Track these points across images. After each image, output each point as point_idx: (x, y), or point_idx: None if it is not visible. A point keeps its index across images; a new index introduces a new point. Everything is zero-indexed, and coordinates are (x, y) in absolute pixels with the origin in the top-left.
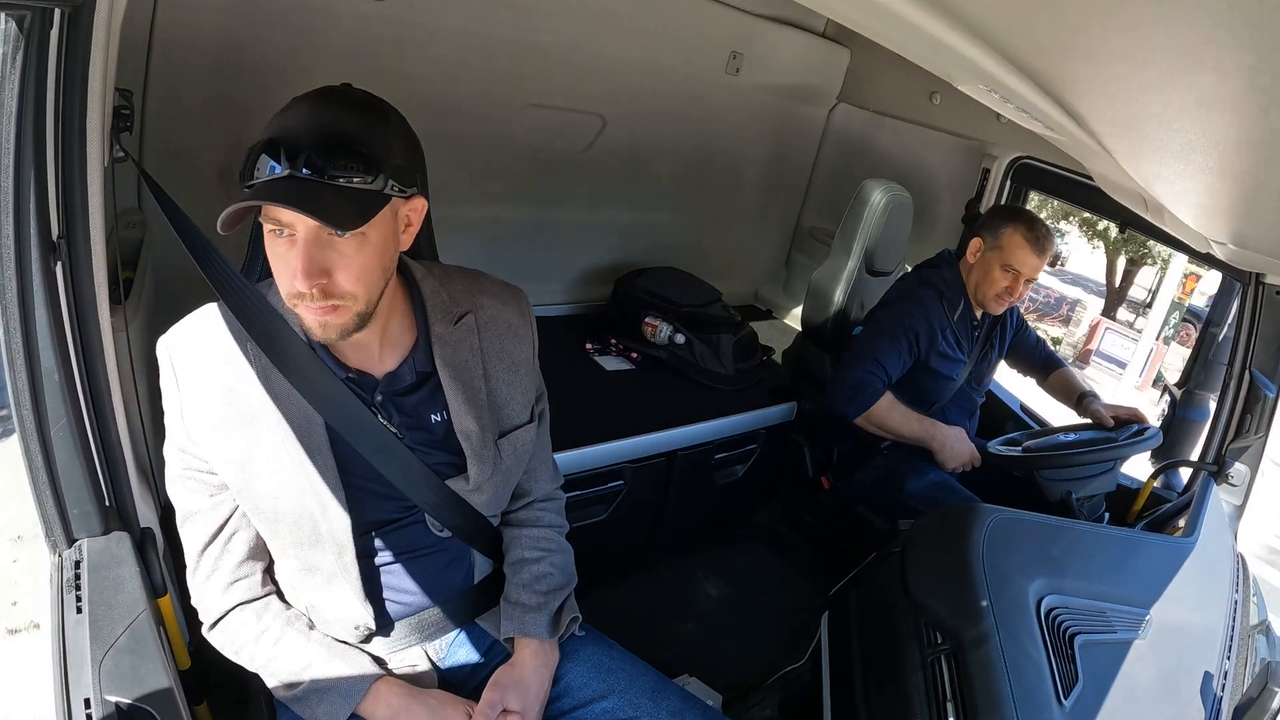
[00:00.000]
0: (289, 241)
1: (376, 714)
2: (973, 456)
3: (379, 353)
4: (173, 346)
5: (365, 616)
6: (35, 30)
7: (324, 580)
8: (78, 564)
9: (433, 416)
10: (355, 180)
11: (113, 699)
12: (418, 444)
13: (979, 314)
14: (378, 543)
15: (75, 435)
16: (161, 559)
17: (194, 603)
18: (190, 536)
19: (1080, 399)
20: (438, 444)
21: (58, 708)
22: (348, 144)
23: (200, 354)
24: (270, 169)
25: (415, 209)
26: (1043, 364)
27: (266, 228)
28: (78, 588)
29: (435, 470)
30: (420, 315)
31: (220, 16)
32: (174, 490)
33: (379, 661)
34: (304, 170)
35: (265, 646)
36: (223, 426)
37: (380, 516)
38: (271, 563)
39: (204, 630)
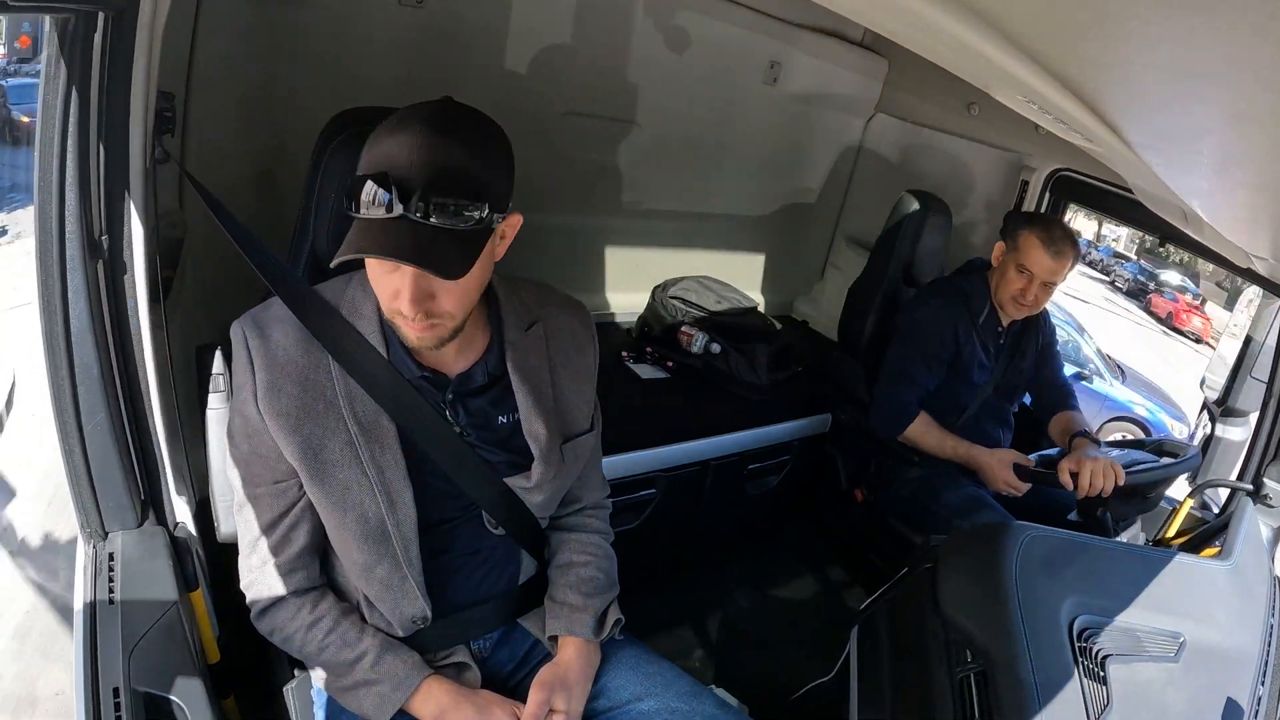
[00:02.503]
0: (393, 264)
1: (425, 711)
2: (1014, 484)
3: (454, 354)
4: (249, 329)
5: (423, 611)
6: (79, 33)
7: (385, 574)
8: (112, 556)
9: (500, 418)
10: (464, 223)
11: (141, 689)
12: (481, 443)
13: (1005, 323)
14: (438, 540)
15: (112, 430)
16: (195, 554)
17: (244, 586)
18: (250, 520)
19: (1072, 437)
20: (501, 444)
21: (85, 696)
22: (460, 184)
23: (278, 340)
24: (380, 207)
25: (512, 224)
26: (1053, 402)
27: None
28: (111, 579)
29: (496, 469)
30: (495, 320)
31: (261, 22)
32: (241, 472)
33: (425, 658)
34: (415, 214)
35: (318, 635)
36: (296, 415)
37: (442, 514)
38: (326, 557)
39: (252, 615)
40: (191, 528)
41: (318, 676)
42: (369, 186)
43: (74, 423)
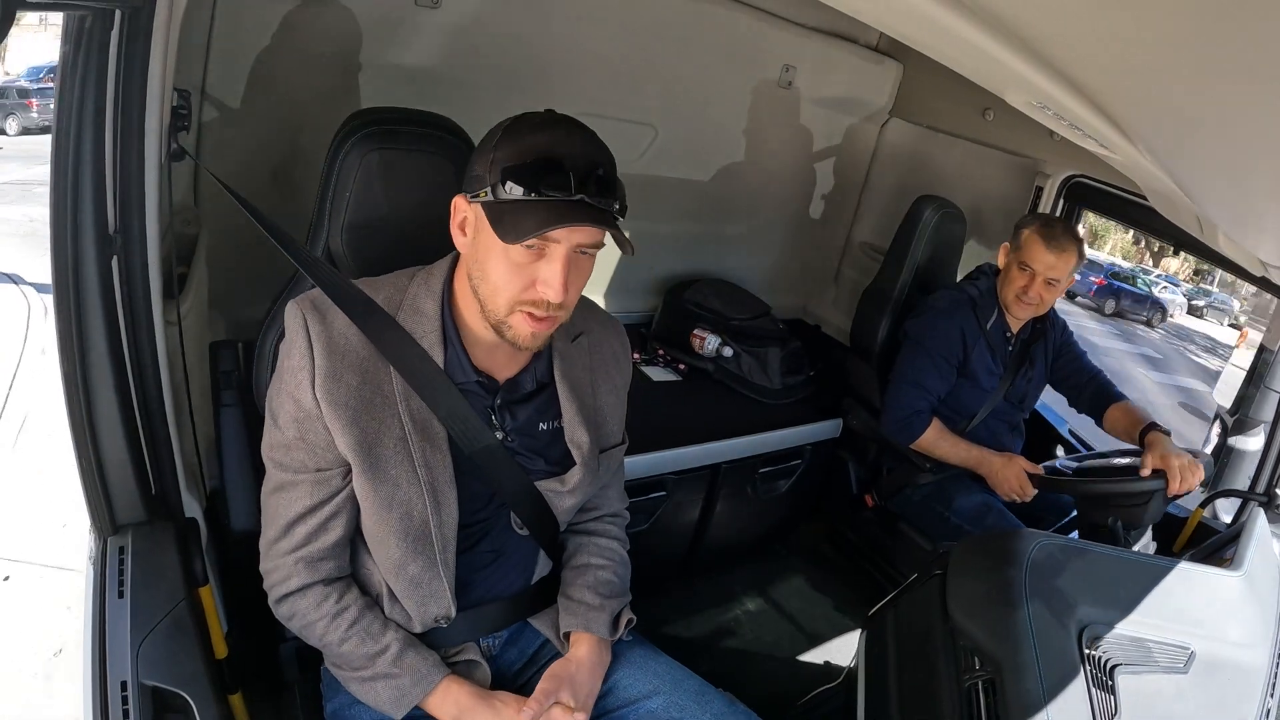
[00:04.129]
0: (535, 255)
1: (444, 710)
2: (1024, 488)
3: (507, 359)
4: (309, 312)
5: (448, 610)
6: (96, 31)
7: (417, 572)
8: (121, 550)
9: (541, 425)
10: (614, 211)
11: (149, 683)
12: (521, 449)
13: (1015, 328)
14: (467, 539)
15: (124, 425)
16: (204, 550)
17: (265, 570)
18: (284, 504)
19: (1143, 432)
20: (539, 450)
21: (93, 689)
22: (610, 175)
23: (339, 327)
24: (561, 190)
25: None
26: (1094, 395)
27: (515, 239)
28: (120, 573)
29: (529, 472)
30: None
31: (277, 21)
32: (281, 456)
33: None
34: (589, 197)
35: (341, 626)
36: (355, 407)
37: (475, 516)
38: (355, 549)
39: (271, 599)
40: (201, 524)
41: (334, 666)
42: (548, 172)
43: (85, 417)
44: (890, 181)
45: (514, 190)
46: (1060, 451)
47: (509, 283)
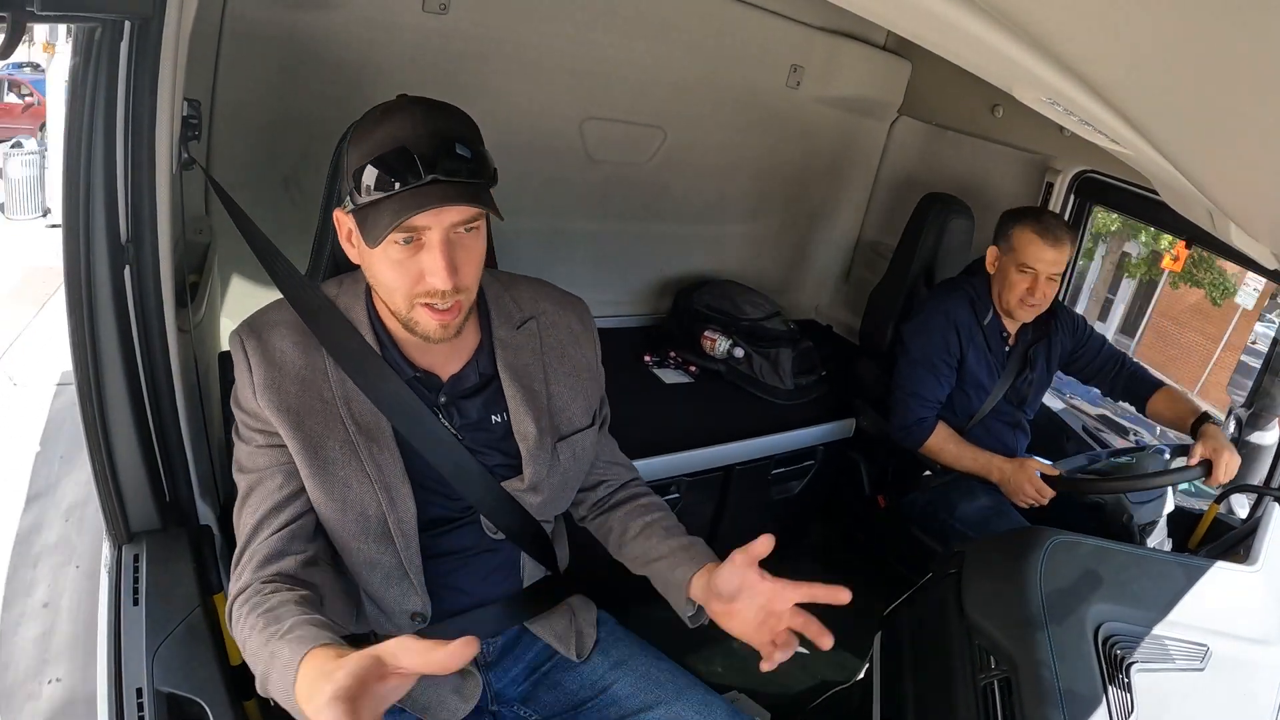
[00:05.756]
0: (413, 249)
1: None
2: (1041, 491)
3: (446, 354)
4: (246, 334)
5: (425, 607)
6: (106, 41)
7: (386, 571)
8: (136, 557)
9: (493, 418)
10: (477, 178)
11: (165, 690)
12: (477, 445)
13: (1013, 329)
14: (435, 542)
15: (137, 433)
16: (219, 557)
17: (230, 592)
18: (248, 514)
19: (1195, 424)
20: (496, 445)
21: (109, 695)
22: (465, 145)
23: (275, 343)
24: (411, 176)
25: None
26: (1129, 384)
27: (389, 239)
28: (135, 580)
29: (492, 471)
30: (485, 319)
31: (286, 29)
32: (245, 461)
33: None
34: (442, 175)
35: (253, 616)
36: (298, 411)
37: (439, 515)
38: (314, 563)
39: (228, 611)
40: (216, 531)
41: (261, 688)
42: (392, 162)
43: (99, 426)
44: (900, 180)
45: (369, 191)
46: (1086, 446)
47: (398, 281)
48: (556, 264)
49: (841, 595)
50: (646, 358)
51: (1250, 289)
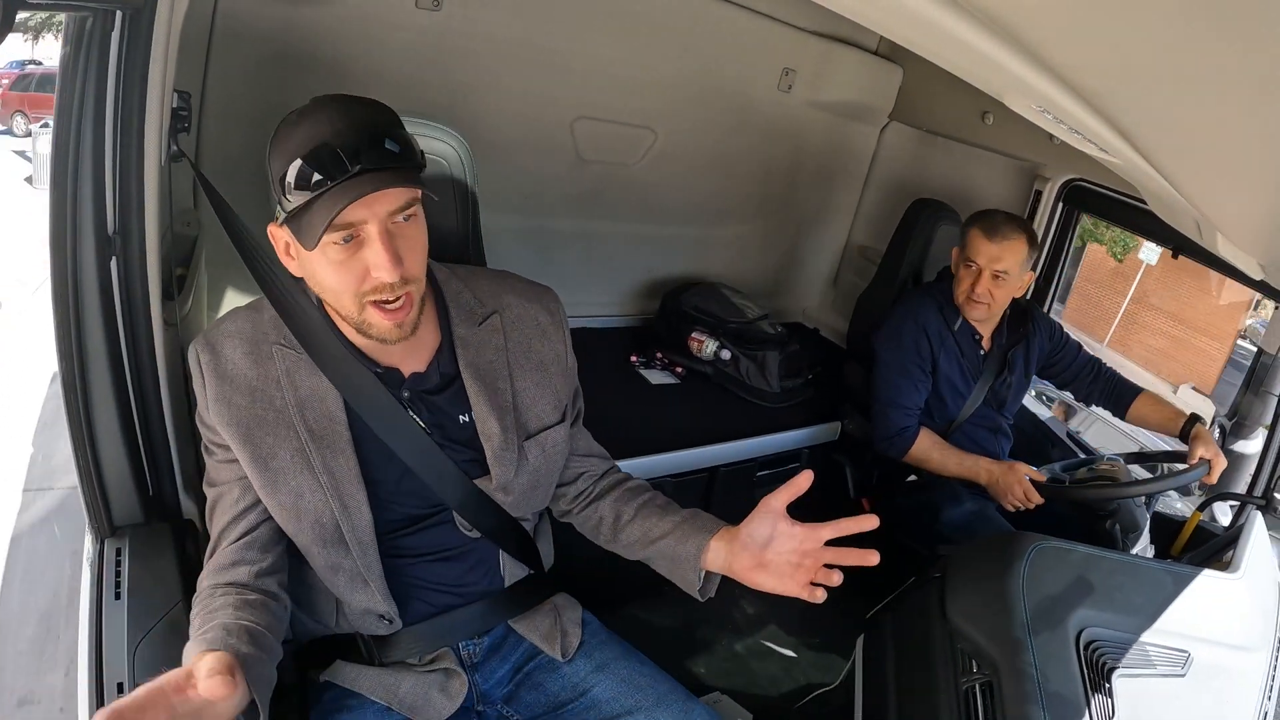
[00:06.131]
0: (354, 247)
1: None
2: (1029, 495)
3: (404, 353)
4: (201, 347)
5: (390, 611)
6: (97, 31)
7: (348, 577)
8: (119, 551)
9: (460, 416)
10: (407, 162)
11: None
12: (446, 441)
13: (986, 332)
14: (404, 542)
15: (122, 426)
16: (201, 551)
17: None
18: (215, 524)
19: (1186, 425)
20: (465, 443)
21: (89, 690)
22: (389, 133)
23: (227, 355)
24: (337, 170)
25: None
26: (1108, 388)
27: (327, 240)
28: (118, 574)
29: (463, 469)
30: (444, 317)
31: (278, 23)
32: (212, 474)
33: (407, 662)
34: (370, 164)
35: (196, 619)
36: (246, 424)
37: (406, 515)
38: (275, 570)
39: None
40: (199, 525)
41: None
42: (317, 159)
43: (83, 419)
44: (890, 185)
45: (298, 193)
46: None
47: (343, 282)
48: (545, 263)
49: (871, 557)
50: (633, 358)
51: (1151, 246)
